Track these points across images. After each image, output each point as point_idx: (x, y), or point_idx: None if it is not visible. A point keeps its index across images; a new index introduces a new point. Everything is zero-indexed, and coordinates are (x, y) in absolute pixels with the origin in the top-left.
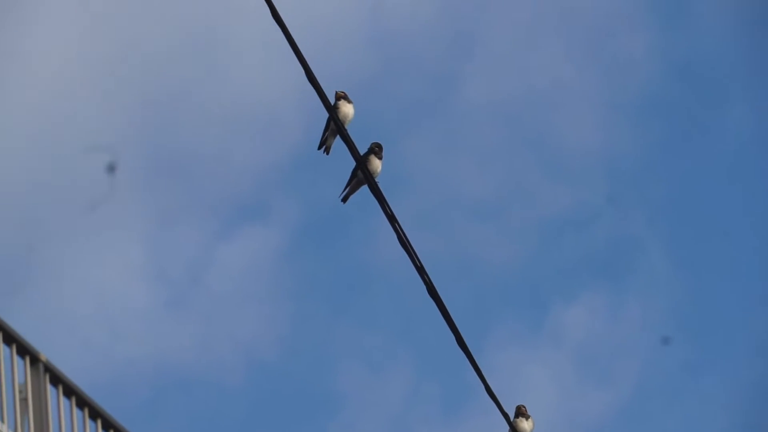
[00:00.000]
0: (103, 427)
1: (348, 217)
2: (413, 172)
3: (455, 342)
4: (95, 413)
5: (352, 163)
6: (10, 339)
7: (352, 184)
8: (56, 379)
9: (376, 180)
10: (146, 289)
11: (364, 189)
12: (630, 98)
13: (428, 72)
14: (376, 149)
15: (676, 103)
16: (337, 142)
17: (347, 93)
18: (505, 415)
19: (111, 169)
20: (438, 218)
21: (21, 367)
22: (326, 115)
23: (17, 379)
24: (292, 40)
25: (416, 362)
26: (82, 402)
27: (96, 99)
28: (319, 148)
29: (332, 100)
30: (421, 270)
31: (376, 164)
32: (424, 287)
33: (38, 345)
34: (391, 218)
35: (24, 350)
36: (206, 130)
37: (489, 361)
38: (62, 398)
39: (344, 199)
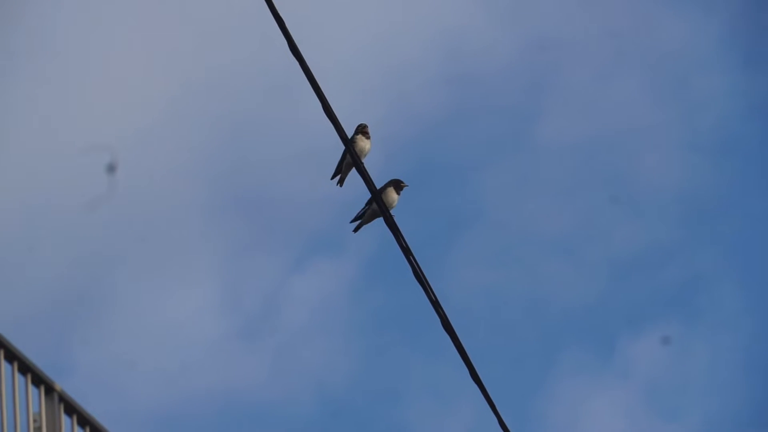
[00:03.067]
0: None
1: (415, 252)
2: (488, 209)
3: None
4: None
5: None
6: (26, 368)
7: (367, 215)
8: (71, 409)
9: (391, 212)
10: (218, 321)
11: (379, 221)
12: (708, 137)
13: (505, 110)
14: (395, 182)
15: (755, 141)
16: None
17: (368, 127)
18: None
19: (111, 169)
20: (512, 254)
21: (36, 396)
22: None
23: (32, 409)
24: (310, 73)
25: (481, 397)
26: (96, 431)
27: (169, 129)
28: (333, 177)
29: (352, 132)
30: (436, 304)
31: (393, 197)
32: (440, 320)
33: (108, 373)
34: (406, 251)
35: (39, 380)
36: (281, 164)
37: (554, 391)
38: (77, 428)
39: (356, 229)
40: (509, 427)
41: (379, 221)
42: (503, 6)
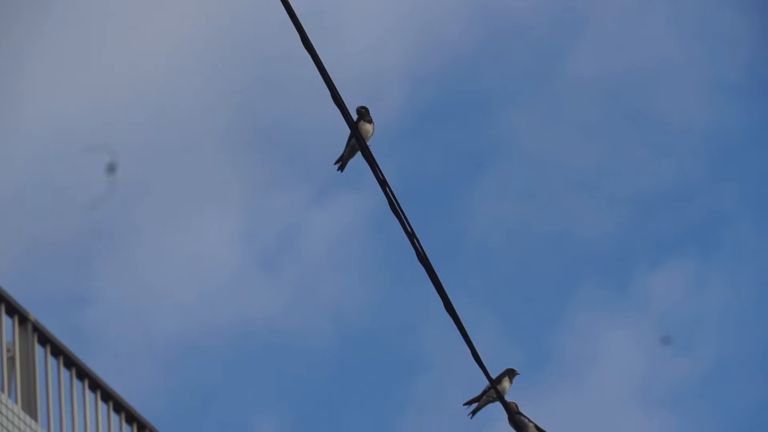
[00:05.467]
0: (90, 387)
1: (441, 186)
2: (514, 142)
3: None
4: (82, 373)
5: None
6: None
7: (347, 152)
8: (44, 339)
9: (368, 144)
10: (238, 252)
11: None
12: (735, 75)
13: (534, 44)
14: (362, 111)
15: None
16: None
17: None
18: (492, 381)
19: (111, 169)
20: (536, 189)
21: (9, 326)
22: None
23: (5, 338)
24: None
25: (501, 325)
26: (70, 362)
27: (193, 69)
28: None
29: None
30: (411, 236)
31: (367, 128)
32: (415, 253)
33: (129, 304)
34: (383, 183)
35: (12, 310)
36: (304, 99)
37: (570, 322)
38: (50, 358)
39: (341, 168)
40: (521, 360)
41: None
42: None
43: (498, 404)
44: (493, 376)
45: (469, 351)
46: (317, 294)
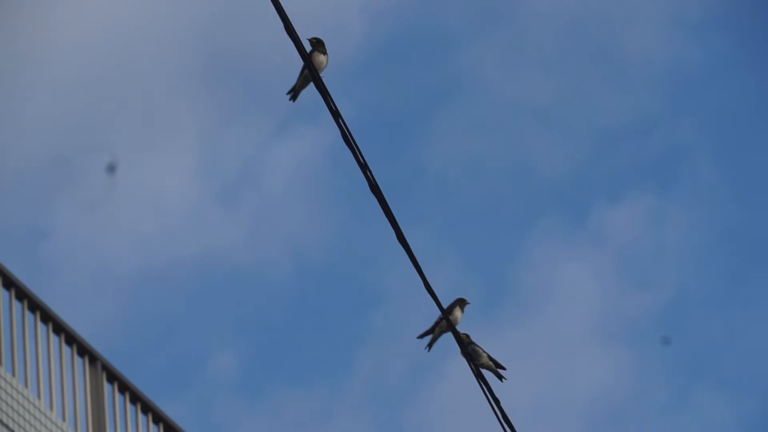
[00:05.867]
0: (42, 320)
1: (400, 121)
2: (474, 77)
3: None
4: (34, 305)
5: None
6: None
7: (299, 82)
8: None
9: (321, 75)
10: (198, 186)
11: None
12: (694, 10)
13: None
14: (314, 42)
15: (740, 17)
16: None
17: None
18: (443, 311)
19: (111, 169)
20: (496, 122)
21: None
22: None
23: None
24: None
25: (460, 259)
26: (22, 294)
27: (149, 3)
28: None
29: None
30: (364, 167)
31: (320, 59)
32: (367, 183)
33: (88, 239)
34: (335, 114)
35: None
36: (266, 31)
37: (528, 256)
38: (1, 290)
39: (293, 98)
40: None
41: (311, 88)
42: None
43: (451, 335)
44: (446, 307)
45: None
46: (276, 227)
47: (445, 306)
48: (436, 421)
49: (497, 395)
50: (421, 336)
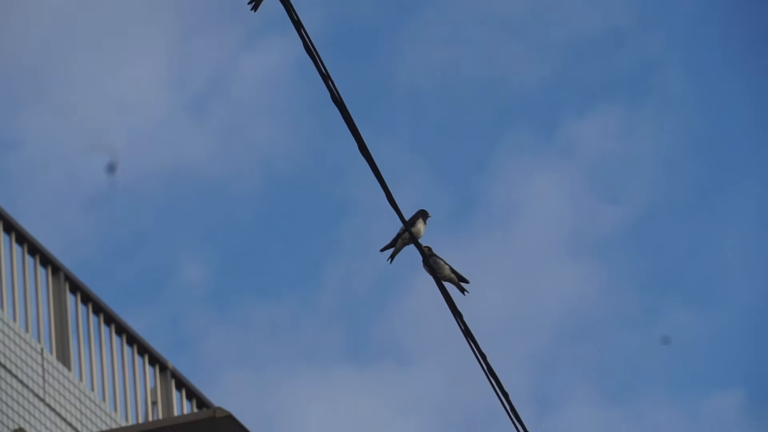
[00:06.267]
0: (5, 230)
1: (368, 32)
2: None
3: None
4: (9, 226)
5: None
6: None
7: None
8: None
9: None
10: (167, 97)
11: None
12: None
13: None
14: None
15: None
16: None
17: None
18: (405, 223)
19: (111, 169)
20: (466, 33)
21: None
22: None
23: None
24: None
25: (429, 171)
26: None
27: None
28: (382, 250)
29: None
30: (326, 77)
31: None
32: (329, 95)
33: (56, 150)
34: (297, 24)
35: None
36: None
37: (498, 168)
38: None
39: (254, 8)
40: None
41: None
42: None
43: (414, 248)
44: (408, 219)
45: (398, 195)
46: (246, 138)
47: (407, 218)
48: (403, 332)
49: (462, 309)
50: (384, 249)
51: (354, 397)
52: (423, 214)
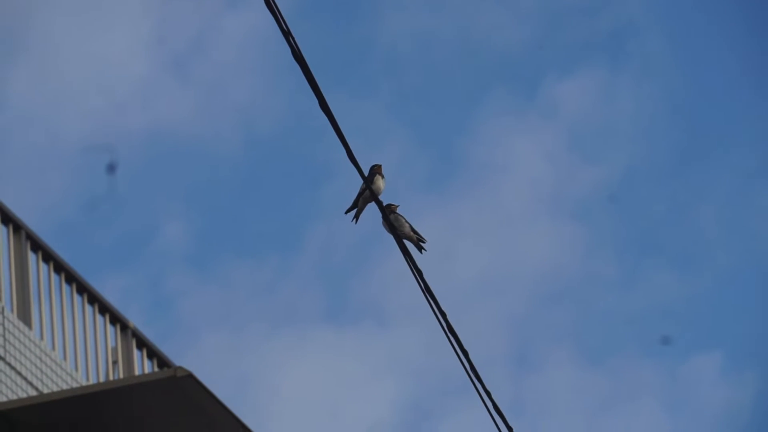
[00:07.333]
0: None
1: None
2: None
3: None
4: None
5: None
6: None
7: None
8: None
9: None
10: (148, 57)
11: None
12: None
13: None
14: (377, 169)
15: None
16: None
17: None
18: (365, 180)
19: (111, 169)
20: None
21: None
22: None
23: None
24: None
25: (409, 134)
26: None
27: None
28: (347, 212)
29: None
30: (287, 34)
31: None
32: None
33: (38, 110)
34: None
35: None
36: None
37: (478, 131)
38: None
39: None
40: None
41: None
42: None
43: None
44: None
45: (378, 156)
46: (227, 99)
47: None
48: (384, 294)
49: (439, 269)
50: (348, 210)
51: (333, 357)
52: (379, 169)
